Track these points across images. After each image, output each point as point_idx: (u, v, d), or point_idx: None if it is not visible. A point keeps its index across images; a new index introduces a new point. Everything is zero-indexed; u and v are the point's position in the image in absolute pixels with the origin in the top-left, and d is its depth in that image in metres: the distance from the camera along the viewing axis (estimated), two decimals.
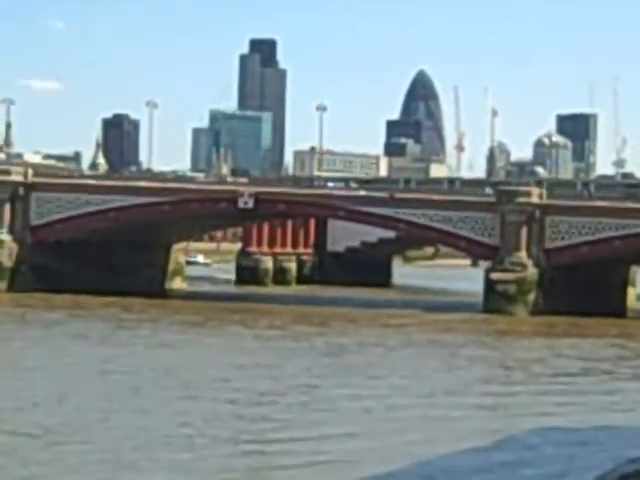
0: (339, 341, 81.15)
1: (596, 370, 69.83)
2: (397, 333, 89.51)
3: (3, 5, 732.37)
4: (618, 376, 68.03)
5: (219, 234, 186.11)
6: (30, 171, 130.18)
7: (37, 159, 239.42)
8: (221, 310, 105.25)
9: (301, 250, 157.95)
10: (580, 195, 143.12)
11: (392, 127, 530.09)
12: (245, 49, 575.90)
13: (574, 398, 56.59)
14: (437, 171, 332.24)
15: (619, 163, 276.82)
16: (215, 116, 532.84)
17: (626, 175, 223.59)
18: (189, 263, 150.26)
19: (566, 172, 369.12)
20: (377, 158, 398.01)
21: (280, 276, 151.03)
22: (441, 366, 69.60)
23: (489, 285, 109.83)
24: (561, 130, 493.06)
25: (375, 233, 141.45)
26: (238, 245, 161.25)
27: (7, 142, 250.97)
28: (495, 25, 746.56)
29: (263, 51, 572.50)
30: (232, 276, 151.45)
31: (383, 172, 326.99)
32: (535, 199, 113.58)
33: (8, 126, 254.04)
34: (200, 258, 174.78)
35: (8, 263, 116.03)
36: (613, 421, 48.40)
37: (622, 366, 72.88)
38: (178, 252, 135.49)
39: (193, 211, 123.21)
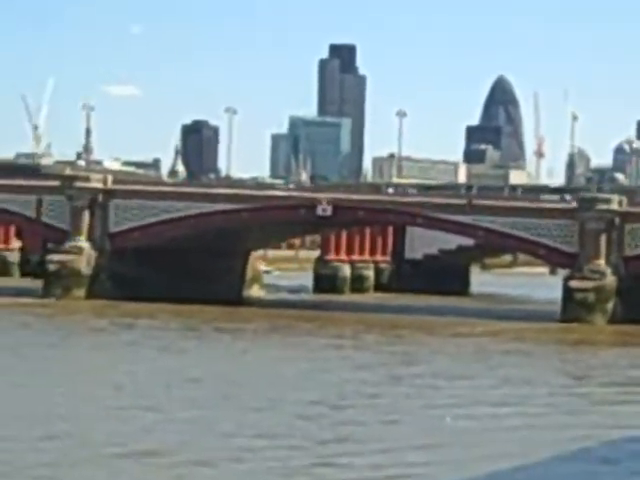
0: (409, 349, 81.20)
1: None
2: (470, 343, 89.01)
3: (80, 9, 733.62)
4: None
5: (297, 241, 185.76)
6: (109, 178, 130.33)
7: (116, 166, 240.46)
8: (299, 318, 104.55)
9: (379, 258, 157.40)
10: None
11: (472, 133, 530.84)
12: (325, 54, 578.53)
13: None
14: (516, 177, 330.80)
15: None
16: (294, 122, 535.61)
17: None
18: None
19: None
20: (456, 165, 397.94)
21: (358, 284, 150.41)
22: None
23: (567, 293, 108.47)
24: None
25: (453, 240, 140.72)
26: (316, 253, 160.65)
27: (87, 149, 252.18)
28: (575, 29, 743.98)
29: (343, 56, 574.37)
30: (292, 283, 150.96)
31: (462, 179, 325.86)
32: (615, 206, 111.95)
33: (88, 132, 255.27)
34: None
35: (87, 271, 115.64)
36: None
37: None
38: (256, 260, 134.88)
39: (271, 218, 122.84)
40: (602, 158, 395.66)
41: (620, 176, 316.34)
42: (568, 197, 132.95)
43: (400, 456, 42.94)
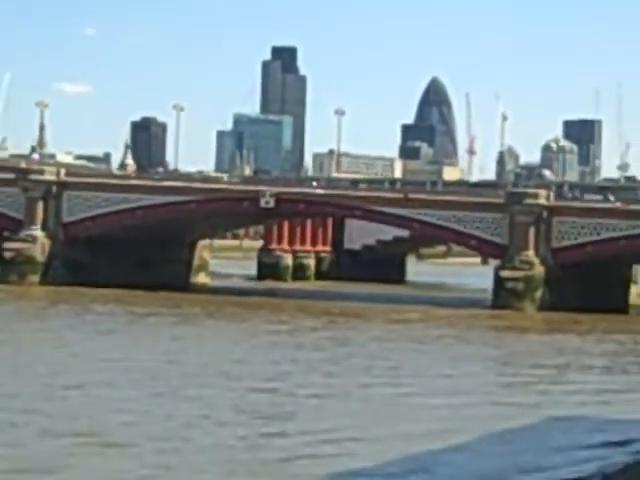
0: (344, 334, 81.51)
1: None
2: (404, 329, 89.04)
3: (38, 13, 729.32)
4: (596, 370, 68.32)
5: (242, 232, 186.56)
6: (62, 171, 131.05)
7: (69, 159, 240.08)
8: (241, 304, 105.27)
9: (319, 248, 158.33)
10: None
11: (407, 131, 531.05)
12: (267, 56, 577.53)
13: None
14: (449, 173, 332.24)
15: (623, 167, 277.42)
16: (238, 119, 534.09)
17: (629, 178, 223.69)
18: None
19: (572, 175, 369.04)
20: (392, 161, 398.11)
21: (299, 272, 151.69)
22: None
23: (498, 282, 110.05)
24: (567, 135, 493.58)
25: (390, 232, 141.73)
26: (260, 242, 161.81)
27: (41, 143, 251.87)
28: (505, 32, 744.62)
29: (284, 58, 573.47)
30: (236, 271, 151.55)
31: (398, 174, 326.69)
32: (542, 200, 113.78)
33: (42, 128, 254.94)
34: None
35: (41, 258, 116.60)
36: None
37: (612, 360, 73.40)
38: (203, 249, 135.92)
39: (217, 210, 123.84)
40: (531, 156, 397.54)
41: (547, 172, 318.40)
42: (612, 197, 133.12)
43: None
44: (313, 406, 48.12)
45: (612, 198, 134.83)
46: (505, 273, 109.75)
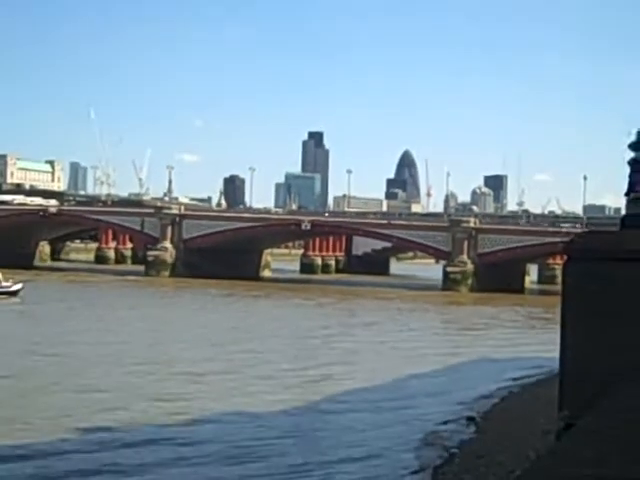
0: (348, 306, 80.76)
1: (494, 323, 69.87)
2: (386, 303, 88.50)
3: (161, 108, 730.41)
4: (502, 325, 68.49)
5: (290, 244, 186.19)
6: (182, 207, 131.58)
7: (186, 200, 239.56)
8: (291, 288, 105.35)
9: (337, 253, 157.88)
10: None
11: (390, 182, 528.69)
12: (305, 137, 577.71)
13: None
14: (415, 208, 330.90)
15: (520, 203, 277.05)
16: (288, 175, 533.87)
17: (525, 210, 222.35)
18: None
19: (489, 209, 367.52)
20: (380, 200, 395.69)
21: (325, 268, 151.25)
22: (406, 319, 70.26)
23: (445, 274, 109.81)
24: (486, 184, 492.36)
25: (380, 244, 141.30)
26: (301, 250, 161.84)
27: (169, 190, 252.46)
28: (451, 114, 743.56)
29: (315, 138, 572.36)
30: (287, 268, 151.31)
31: (384, 209, 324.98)
32: (472, 224, 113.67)
33: (170, 181, 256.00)
34: None
35: (170, 260, 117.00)
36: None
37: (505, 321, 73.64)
38: (267, 254, 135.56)
39: (275, 231, 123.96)
40: (464, 196, 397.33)
41: (475, 207, 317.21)
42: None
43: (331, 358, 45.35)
44: (327, 339, 48.47)
45: (522, 222, 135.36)
46: (449, 268, 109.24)
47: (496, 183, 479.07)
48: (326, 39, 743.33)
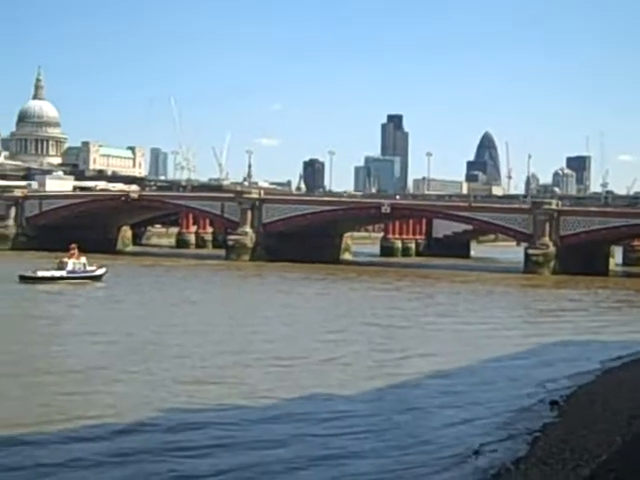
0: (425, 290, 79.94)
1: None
2: (465, 285, 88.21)
3: (241, 92, 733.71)
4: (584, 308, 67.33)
5: (370, 227, 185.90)
6: (262, 192, 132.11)
7: (266, 185, 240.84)
8: (370, 271, 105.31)
9: (417, 236, 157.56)
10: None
11: (470, 164, 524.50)
12: (384, 120, 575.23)
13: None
14: (495, 190, 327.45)
15: (604, 185, 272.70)
16: (368, 159, 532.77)
17: (609, 192, 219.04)
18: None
19: (572, 191, 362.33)
20: (460, 183, 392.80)
21: (405, 251, 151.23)
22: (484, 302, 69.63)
23: (527, 256, 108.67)
24: (569, 165, 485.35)
25: (460, 226, 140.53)
26: (381, 234, 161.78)
27: (249, 175, 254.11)
28: (530, 101, 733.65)
29: (395, 121, 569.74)
30: (367, 251, 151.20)
31: (464, 191, 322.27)
32: (554, 206, 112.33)
33: (249, 166, 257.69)
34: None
35: (250, 244, 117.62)
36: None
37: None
38: (347, 238, 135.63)
39: (355, 214, 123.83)
40: (546, 179, 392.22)
41: (556, 189, 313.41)
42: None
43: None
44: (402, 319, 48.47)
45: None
46: (531, 251, 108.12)
47: (579, 164, 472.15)
48: (404, 23, 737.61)
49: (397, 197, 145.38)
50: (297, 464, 20.92)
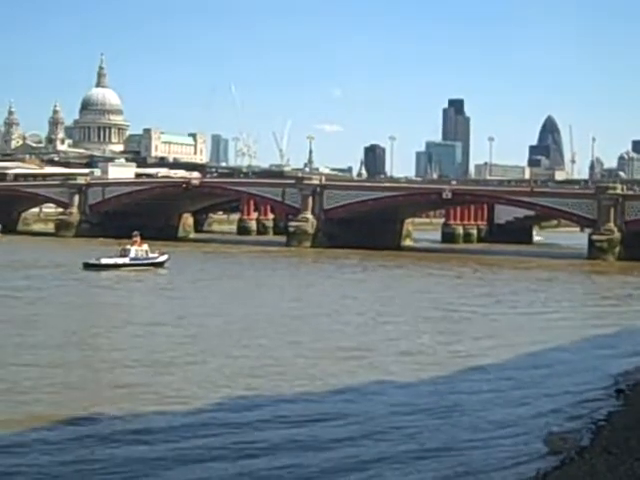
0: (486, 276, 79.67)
1: None
2: (526, 272, 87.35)
3: (302, 78, 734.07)
4: None
5: (431, 213, 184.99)
6: (323, 178, 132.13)
7: (327, 171, 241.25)
8: (432, 258, 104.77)
9: (479, 222, 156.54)
10: None
11: (532, 149, 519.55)
12: (445, 105, 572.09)
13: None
14: (559, 175, 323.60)
15: None
16: (429, 144, 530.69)
17: None
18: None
19: (638, 175, 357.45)
20: (523, 168, 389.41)
21: (466, 237, 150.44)
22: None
23: (591, 242, 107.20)
24: (635, 149, 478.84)
25: (522, 212, 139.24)
26: (442, 220, 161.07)
27: (310, 161, 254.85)
28: (594, 85, 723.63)
29: (456, 105, 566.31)
30: (428, 237, 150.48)
31: (526, 176, 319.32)
32: (619, 191, 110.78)
33: (310, 152, 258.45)
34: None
35: (311, 231, 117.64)
36: None
37: None
38: (408, 224, 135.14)
39: (416, 200, 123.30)
40: (611, 163, 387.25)
41: (622, 173, 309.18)
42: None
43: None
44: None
45: None
46: (595, 237, 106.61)
47: None
48: (464, 6, 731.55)
49: (453, 182, 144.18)
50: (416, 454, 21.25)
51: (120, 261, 73.27)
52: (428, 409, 25.81)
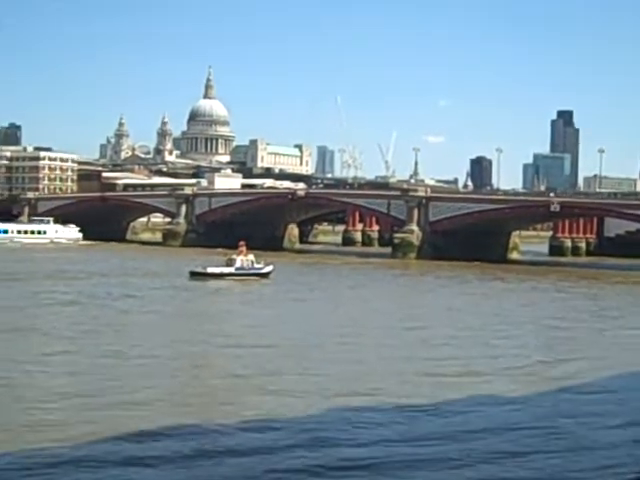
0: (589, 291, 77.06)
1: None
2: (627, 287, 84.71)
3: (406, 90, 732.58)
4: None
5: (539, 226, 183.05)
6: (429, 190, 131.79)
7: (432, 182, 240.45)
8: (537, 272, 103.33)
9: (588, 235, 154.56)
10: None
11: None
12: (554, 116, 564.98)
13: None
14: None
15: None
16: (537, 156, 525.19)
17: None
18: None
19: None
20: (634, 180, 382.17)
21: (575, 251, 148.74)
22: None
23: None
24: None
25: (635, 225, 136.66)
26: (550, 232, 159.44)
27: (415, 172, 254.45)
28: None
29: (565, 117, 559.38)
30: (536, 250, 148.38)
31: (639, 189, 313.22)
32: None
33: (416, 163, 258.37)
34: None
35: (416, 243, 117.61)
36: None
37: None
38: (515, 236, 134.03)
39: (523, 212, 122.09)
40: None
41: None
42: None
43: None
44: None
45: None
46: None
47: None
48: (571, 20, 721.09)
49: (551, 194, 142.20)
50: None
51: (226, 270, 74.31)
52: (528, 427, 25.52)
